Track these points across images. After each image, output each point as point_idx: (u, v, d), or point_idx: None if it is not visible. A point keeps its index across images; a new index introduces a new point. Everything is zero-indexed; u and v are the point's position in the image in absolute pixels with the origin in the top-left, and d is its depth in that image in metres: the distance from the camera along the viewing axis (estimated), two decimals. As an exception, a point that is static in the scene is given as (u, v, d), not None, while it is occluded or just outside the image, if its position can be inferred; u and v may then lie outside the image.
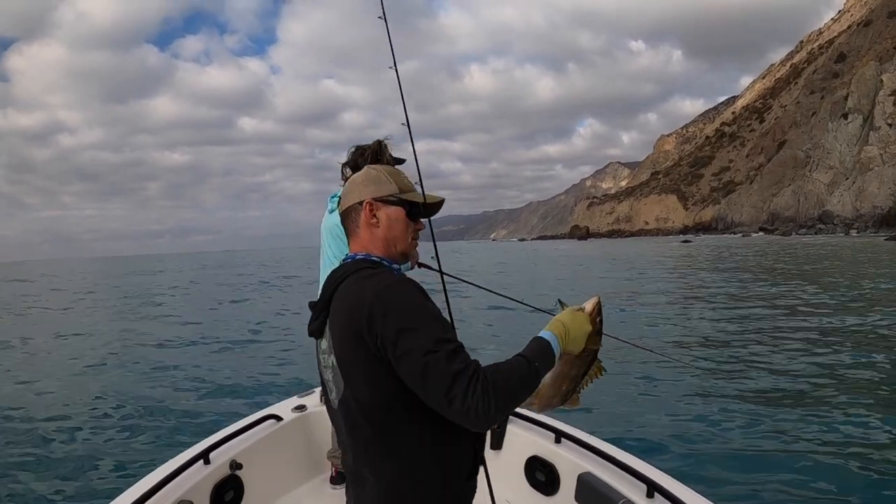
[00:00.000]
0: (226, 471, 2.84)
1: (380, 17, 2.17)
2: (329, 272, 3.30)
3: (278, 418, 3.36)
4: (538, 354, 1.45)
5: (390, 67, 2.01)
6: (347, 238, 1.66)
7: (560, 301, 1.67)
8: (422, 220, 1.66)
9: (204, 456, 2.79)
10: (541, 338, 1.50)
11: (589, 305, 1.63)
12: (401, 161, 3.10)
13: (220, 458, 2.86)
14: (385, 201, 1.57)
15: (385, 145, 3.08)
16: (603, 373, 1.68)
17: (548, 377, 1.58)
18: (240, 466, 2.88)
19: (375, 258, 1.58)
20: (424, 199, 1.64)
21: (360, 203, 1.59)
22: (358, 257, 1.60)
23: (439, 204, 1.68)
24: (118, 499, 2.39)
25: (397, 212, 1.58)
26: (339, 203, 3.10)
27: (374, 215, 1.58)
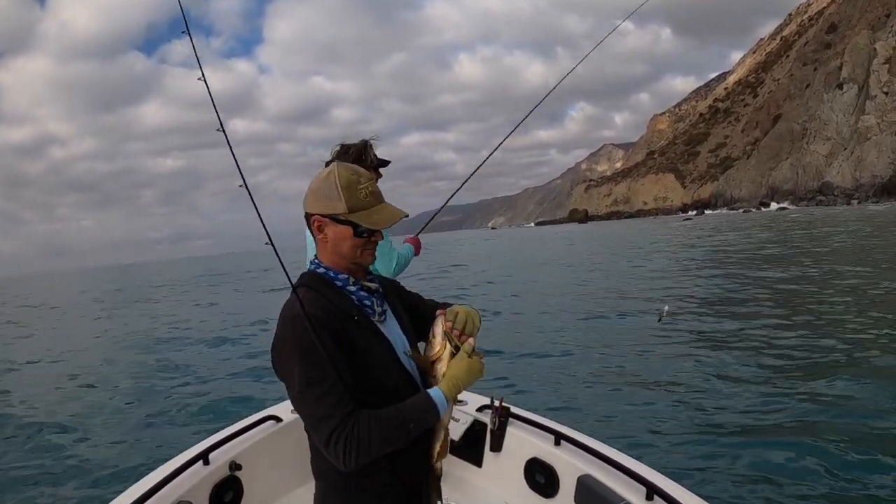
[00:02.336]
0: (225, 472, 2.82)
1: (183, 32, 2.11)
2: None
3: (278, 419, 3.33)
4: (419, 413, 1.44)
5: (199, 79, 1.96)
6: None
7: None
8: (380, 230, 1.59)
9: (203, 457, 2.76)
10: (430, 398, 1.47)
11: (470, 342, 1.56)
12: (385, 163, 3.07)
13: (220, 458, 2.83)
14: (332, 219, 1.53)
15: (370, 146, 3.02)
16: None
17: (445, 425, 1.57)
18: (239, 467, 2.86)
19: (321, 270, 1.60)
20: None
21: (310, 216, 1.57)
22: (310, 267, 1.64)
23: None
24: (117, 499, 2.40)
25: (344, 231, 1.54)
26: None
27: (322, 230, 1.56)
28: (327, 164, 3.03)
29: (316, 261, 1.63)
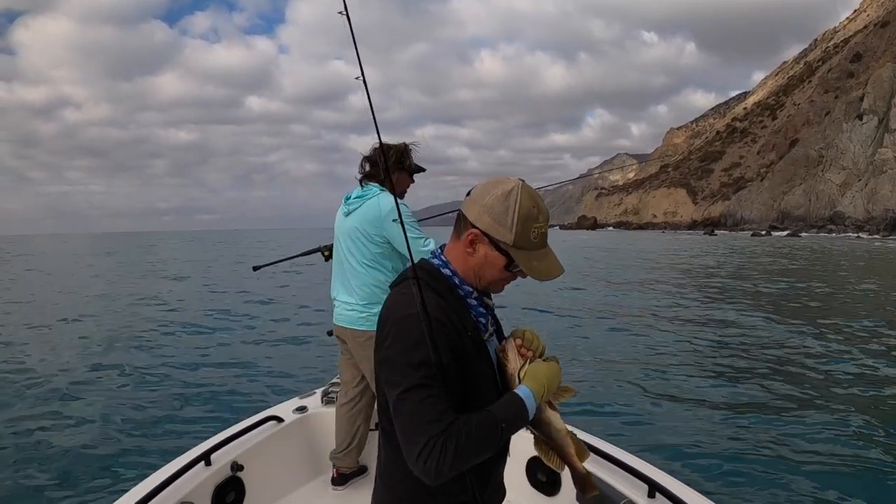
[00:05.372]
0: (227, 472, 2.85)
1: (340, 13, 1.96)
2: (341, 271, 3.25)
3: (279, 420, 3.36)
4: (508, 410, 1.38)
5: (340, 13, 1.75)
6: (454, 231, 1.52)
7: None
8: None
9: (205, 457, 2.80)
10: (516, 395, 1.41)
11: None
12: (421, 170, 3.13)
13: (222, 459, 2.87)
14: (492, 242, 1.42)
15: (410, 151, 3.09)
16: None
17: (556, 440, 1.54)
18: (241, 468, 2.90)
19: (448, 271, 1.49)
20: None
21: (470, 224, 1.44)
22: (434, 262, 1.51)
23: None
24: (120, 500, 2.40)
25: (497, 258, 1.43)
26: (359, 205, 3.06)
27: (474, 246, 1.44)
28: (364, 158, 3.06)
29: (444, 257, 1.51)
